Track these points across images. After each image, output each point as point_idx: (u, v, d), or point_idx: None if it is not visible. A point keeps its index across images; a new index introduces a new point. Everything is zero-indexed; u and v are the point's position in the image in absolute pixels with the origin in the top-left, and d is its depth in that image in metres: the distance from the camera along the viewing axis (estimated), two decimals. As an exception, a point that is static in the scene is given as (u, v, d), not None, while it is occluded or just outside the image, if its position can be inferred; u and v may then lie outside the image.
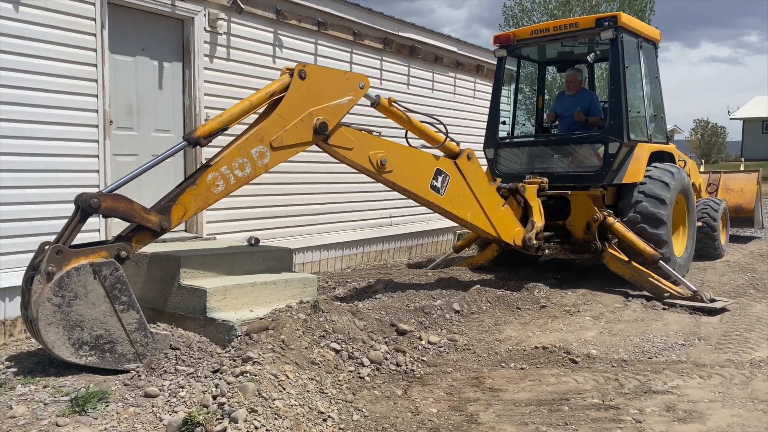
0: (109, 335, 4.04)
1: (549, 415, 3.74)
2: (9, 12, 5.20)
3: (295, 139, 4.97)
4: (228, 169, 4.59)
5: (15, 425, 3.32)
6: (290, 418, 3.31)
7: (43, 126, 5.43)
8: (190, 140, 4.53)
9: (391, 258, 9.60)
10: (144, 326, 4.17)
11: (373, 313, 5.37)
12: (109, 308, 4.03)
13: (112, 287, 4.03)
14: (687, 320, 5.93)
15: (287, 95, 4.91)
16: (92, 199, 4.03)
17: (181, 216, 4.42)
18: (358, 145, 5.41)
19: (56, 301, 3.85)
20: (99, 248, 4.10)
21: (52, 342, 3.88)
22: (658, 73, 8.28)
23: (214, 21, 6.83)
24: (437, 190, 6.00)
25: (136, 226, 4.25)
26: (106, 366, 4.06)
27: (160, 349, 4.23)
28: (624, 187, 7.36)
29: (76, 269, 3.91)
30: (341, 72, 5.51)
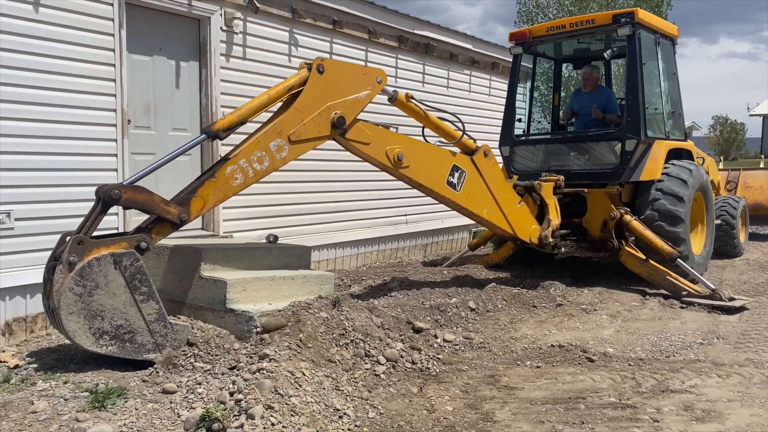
0: (129, 325, 4.07)
1: (565, 413, 3.72)
2: (29, 13, 5.27)
3: (313, 133, 4.98)
4: (247, 162, 4.61)
5: (36, 420, 3.37)
6: (306, 414, 3.33)
7: (63, 125, 5.50)
8: (209, 133, 4.55)
9: (406, 256, 9.60)
10: (163, 317, 4.19)
11: (389, 310, 5.37)
12: (129, 298, 4.05)
13: (132, 277, 4.06)
14: (705, 319, 5.87)
15: (305, 89, 4.92)
16: (113, 190, 4.07)
17: (200, 208, 4.45)
18: (375, 140, 5.41)
19: (77, 290, 3.89)
20: (119, 239, 4.13)
21: (74, 331, 3.91)
22: (676, 70, 8.19)
23: (231, 20, 6.87)
24: (454, 187, 5.98)
25: (155, 218, 4.27)
26: (125, 356, 4.08)
27: (179, 340, 4.24)
28: (641, 184, 7.29)
29: (97, 259, 3.94)
30: (359, 66, 5.51)
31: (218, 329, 4.56)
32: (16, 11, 5.18)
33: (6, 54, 5.11)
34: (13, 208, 5.19)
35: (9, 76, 5.14)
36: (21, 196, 5.24)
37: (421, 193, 9.55)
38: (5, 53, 5.11)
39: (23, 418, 3.40)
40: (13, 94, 5.17)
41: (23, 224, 5.25)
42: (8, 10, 5.13)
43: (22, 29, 5.22)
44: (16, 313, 5.24)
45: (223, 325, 4.59)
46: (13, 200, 5.18)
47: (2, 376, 4.09)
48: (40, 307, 5.35)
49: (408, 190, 9.31)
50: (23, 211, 5.25)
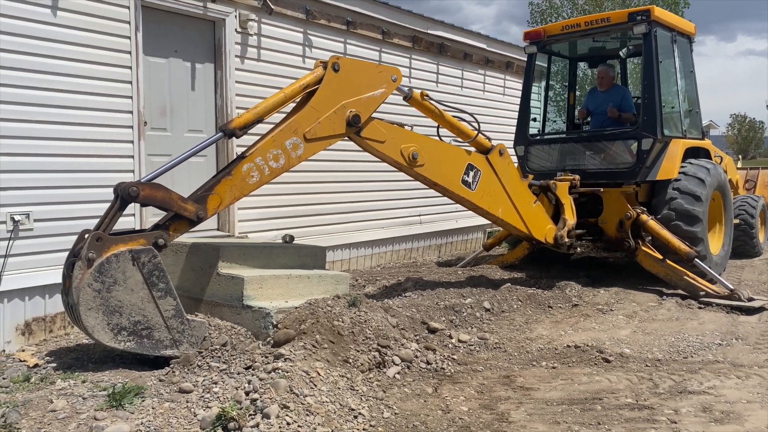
0: (146, 321, 4.09)
1: (581, 414, 3.70)
2: (47, 17, 5.34)
3: (329, 131, 4.99)
4: (263, 160, 4.63)
5: (55, 418, 3.41)
6: (321, 414, 3.34)
7: (80, 127, 5.56)
8: (225, 131, 4.57)
9: (421, 256, 9.59)
10: (181, 313, 4.21)
11: (404, 310, 5.37)
12: (147, 294, 4.08)
13: (150, 274, 4.08)
14: (724, 319, 5.80)
15: (321, 87, 4.93)
16: (131, 187, 4.09)
17: (217, 206, 4.46)
18: (390, 138, 5.41)
19: (96, 286, 3.91)
20: (137, 236, 4.16)
21: (92, 327, 3.93)
22: (693, 68, 8.11)
23: (245, 22, 6.91)
24: (468, 186, 5.95)
25: (173, 215, 4.29)
26: (143, 352, 4.10)
27: (196, 336, 4.26)
28: (658, 184, 7.23)
29: (115, 255, 3.97)
30: (374, 65, 5.51)
31: (235, 326, 4.58)
32: (34, 15, 5.25)
33: (25, 57, 5.18)
34: (32, 209, 5.26)
35: (27, 78, 5.21)
36: (40, 197, 5.30)
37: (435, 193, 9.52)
38: (24, 56, 5.18)
39: (43, 416, 3.44)
40: (32, 97, 5.24)
41: (42, 225, 5.32)
42: (27, 14, 5.20)
43: (41, 32, 5.29)
44: (35, 312, 5.30)
45: (240, 321, 4.62)
46: (32, 201, 5.25)
47: (22, 375, 4.14)
48: (59, 307, 5.43)
49: (422, 191, 9.31)
50: (42, 212, 5.32)
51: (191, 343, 4.23)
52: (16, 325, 5.18)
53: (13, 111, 5.13)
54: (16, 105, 5.14)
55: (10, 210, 5.12)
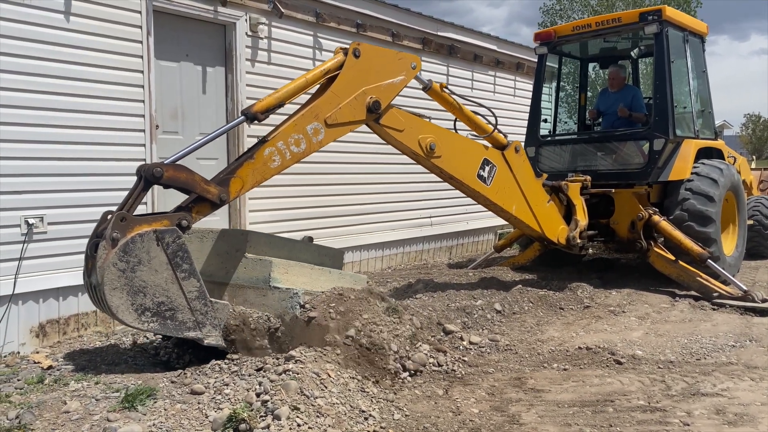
0: (170, 302, 4.02)
1: (593, 416, 3.68)
2: (60, 22, 5.40)
3: (349, 117, 4.97)
4: (284, 145, 4.59)
5: (69, 420, 3.44)
6: (332, 416, 3.34)
7: (93, 131, 5.62)
8: (247, 115, 4.52)
9: (431, 258, 9.59)
10: (204, 295, 4.15)
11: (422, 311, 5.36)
12: (170, 275, 4.01)
13: (174, 254, 4.01)
14: (737, 321, 5.75)
15: (341, 73, 4.91)
16: (155, 168, 4.04)
17: (239, 189, 4.43)
18: (409, 127, 5.38)
19: (121, 266, 3.85)
20: (161, 216, 4.10)
21: (117, 306, 3.86)
22: (705, 68, 8.05)
23: (255, 26, 6.95)
24: (484, 180, 5.91)
25: (196, 197, 4.25)
26: (166, 333, 4.07)
27: (219, 318, 4.21)
28: (670, 184, 7.18)
29: (140, 235, 3.90)
30: (394, 51, 5.47)
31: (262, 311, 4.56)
32: (48, 20, 5.31)
33: (38, 62, 5.25)
34: (46, 212, 5.31)
35: (41, 83, 5.27)
36: (53, 200, 5.36)
37: (446, 195, 9.53)
38: (38, 62, 5.24)
39: (56, 417, 3.47)
40: (45, 102, 5.30)
41: (56, 228, 5.38)
42: (40, 20, 5.27)
43: (54, 38, 5.35)
44: (49, 315, 5.36)
45: (265, 302, 4.61)
46: (46, 205, 5.31)
47: (36, 377, 4.19)
48: (73, 310, 5.49)
49: (432, 192, 9.32)
50: (56, 216, 5.37)
51: (214, 325, 4.18)
52: (31, 327, 5.24)
53: (27, 115, 5.19)
54: (29, 110, 5.21)
55: (24, 213, 5.18)
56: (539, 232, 6.52)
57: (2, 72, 5.05)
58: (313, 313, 4.28)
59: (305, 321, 4.27)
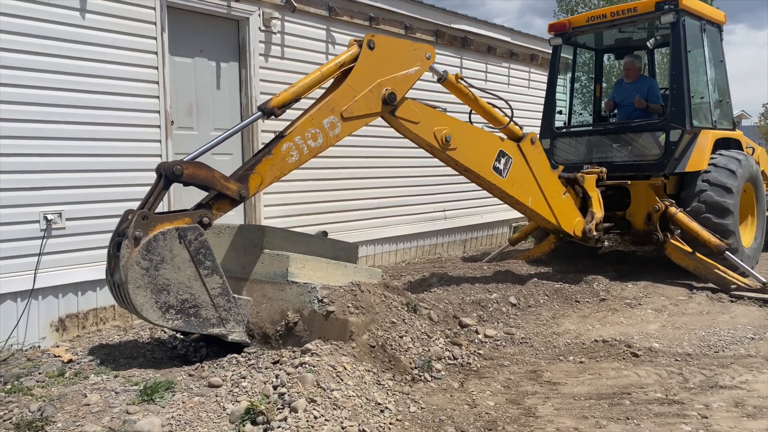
0: (193, 299, 4.04)
1: (609, 409, 3.67)
2: (76, 19, 5.44)
3: (365, 110, 4.92)
4: (301, 139, 4.57)
5: (89, 412, 3.49)
6: (348, 408, 3.36)
7: (109, 128, 5.67)
8: (264, 110, 4.49)
9: (446, 252, 9.57)
10: (227, 291, 4.15)
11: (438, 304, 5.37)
12: (193, 272, 4.03)
13: (197, 252, 4.03)
14: (756, 313, 5.69)
15: (356, 65, 4.87)
16: (175, 166, 4.04)
17: (258, 185, 4.42)
18: (424, 119, 5.34)
19: (144, 264, 3.86)
20: (182, 214, 4.11)
21: (141, 305, 3.87)
22: (723, 57, 7.94)
23: (269, 20, 6.96)
24: (500, 173, 5.85)
25: (215, 194, 4.25)
26: (191, 330, 4.09)
27: (242, 314, 4.22)
28: (687, 175, 7.11)
29: (162, 233, 3.91)
30: (408, 42, 5.42)
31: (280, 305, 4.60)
32: (63, 18, 5.36)
33: (55, 60, 5.30)
34: (64, 208, 5.37)
35: (57, 80, 5.32)
36: (71, 196, 5.42)
37: (460, 188, 9.51)
38: (54, 59, 5.29)
39: (77, 410, 3.53)
40: (62, 98, 5.35)
41: (74, 224, 5.44)
42: (56, 17, 5.31)
43: (69, 35, 5.40)
44: (69, 309, 5.43)
45: (283, 297, 4.64)
46: (64, 201, 5.37)
47: (57, 370, 4.25)
48: (92, 304, 5.55)
49: (446, 185, 9.30)
50: (74, 211, 5.43)
51: (237, 321, 4.19)
52: (51, 322, 5.31)
53: (45, 112, 5.25)
54: (47, 107, 5.26)
55: (43, 209, 5.25)
56: (555, 225, 6.47)
57: (19, 69, 5.11)
58: (331, 308, 4.30)
59: (324, 315, 4.29)
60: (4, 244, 5.05)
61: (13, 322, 5.06)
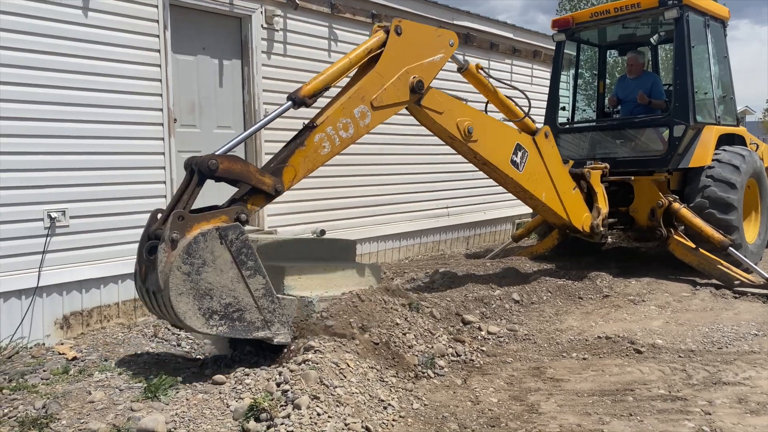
0: (237, 302, 3.80)
1: (612, 405, 3.67)
2: (79, 18, 5.45)
3: (393, 99, 4.76)
4: (333, 130, 4.38)
5: (94, 409, 3.51)
6: (351, 405, 3.37)
7: (112, 126, 5.67)
8: (295, 100, 4.26)
9: (449, 248, 9.57)
10: (271, 291, 3.93)
11: (440, 302, 5.38)
12: (236, 274, 3.80)
13: (239, 252, 3.79)
14: (760, 309, 5.68)
15: (385, 52, 4.69)
16: (210, 160, 3.80)
17: (292, 179, 4.21)
18: (448, 109, 5.21)
19: (185, 269, 3.61)
20: (218, 212, 3.85)
21: (184, 312, 3.64)
22: (726, 53, 7.91)
23: (271, 18, 6.95)
24: (516, 166, 5.76)
25: (249, 189, 4.02)
26: (235, 335, 3.85)
27: (286, 315, 4.01)
28: (690, 171, 7.10)
29: (203, 234, 3.66)
30: (433, 28, 5.24)
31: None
32: (66, 16, 5.36)
33: (58, 58, 5.30)
34: (68, 206, 5.39)
35: (60, 79, 5.32)
36: (75, 194, 5.43)
37: (463, 185, 9.51)
38: (57, 57, 5.30)
39: (82, 407, 3.54)
40: (64, 97, 5.36)
41: (78, 222, 5.45)
42: (59, 16, 5.32)
43: (72, 33, 5.40)
44: (73, 307, 5.44)
45: None
46: (67, 199, 5.38)
47: (61, 368, 4.27)
48: (95, 302, 5.57)
49: (449, 182, 9.30)
50: (77, 209, 5.45)
51: (282, 322, 3.99)
52: (55, 319, 5.33)
53: (47, 111, 5.25)
54: (49, 105, 5.27)
55: (47, 207, 5.26)
56: (566, 220, 6.37)
57: (22, 68, 5.11)
58: (330, 322, 4.28)
59: (323, 328, 4.27)
60: (9, 242, 5.06)
61: (17, 320, 5.08)
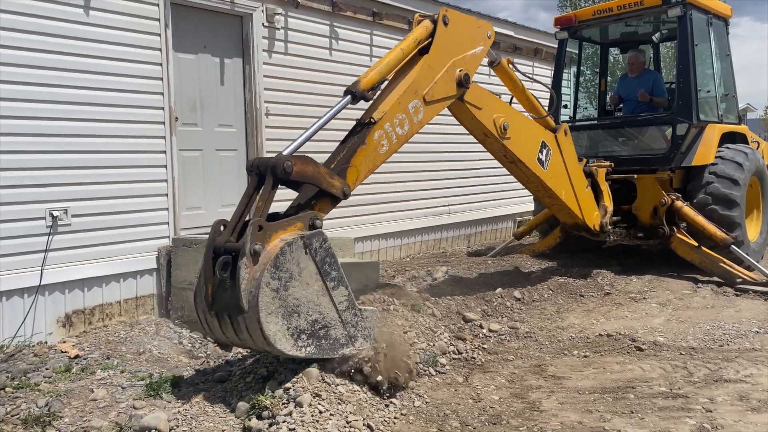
0: (323, 318, 3.43)
1: (614, 403, 3.67)
2: (80, 17, 5.46)
3: (442, 93, 4.51)
4: (390, 127, 4.10)
5: (96, 407, 3.52)
6: (353, 402, 3.37)
7: (114, 124, 5.68)
8: (356, 93, 3.95)
9: (450, 246, 9.57)
10: (354, 303, 3.55)
11: (441, 301, 5.39)
12: (321, 287, 3.43)
13: (323, 261, 3.44)
14: (761, 307, 5.67)
15: (434, 43, 4.43)
16: (285, 162, 3.45)
17: (355, 180, 3.89)
18: (486, 105, 5.02)
19: (274, 285, 3.24)
20: (293, 219, 3.53)
21: (274, 335, 3.22)
22: (729, 51, 7.91)
23: (272, 16, 6.96)
24: (542, 164, 5.61)
25: (317, 192, 3.72)
26: (323, 356, 3.45)
27: (368, 328, 3.60)
28: (693, 169, 7.09)
29: (289, 245, 3.31)
30: (474, 18, 4.98)
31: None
32: (67, 15, 5.37)
33: (59, 57, 5.31)
34: (70, 205, 5.40)
35: (61, 78, 5.33)
36: (77, 193, 5.44)
37: (464, 183, 9.51)
38: (59, 56, 5.31)
39: (84, 405, 3.56)
40: (66, 96, 5.36)
41: (79, 220, 5.46)
42: (61, 15, 5.33)
43: (74, 32, 5.41)
44: (75, 305, 5.46)
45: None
46: (69, 197, 5.40)
47: (64, 366, 4.28)
48: (97, 300, 5.58)
49: (451, 180, 9.30)
50: (79, 208, 5.46)
51: (364, 336, 3.58)
52: (57, 318, 5.34)
53: (49, 110, 5.26)
54: (51, 104, 5.28)
55: (48, 206, 5.27)
56: (580, 219, 6.26)
57: (23, 67, 5.12)
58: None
59: None
60: (11, 241, 5.08)
61: (20, 318, 5.09)
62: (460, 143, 8.68)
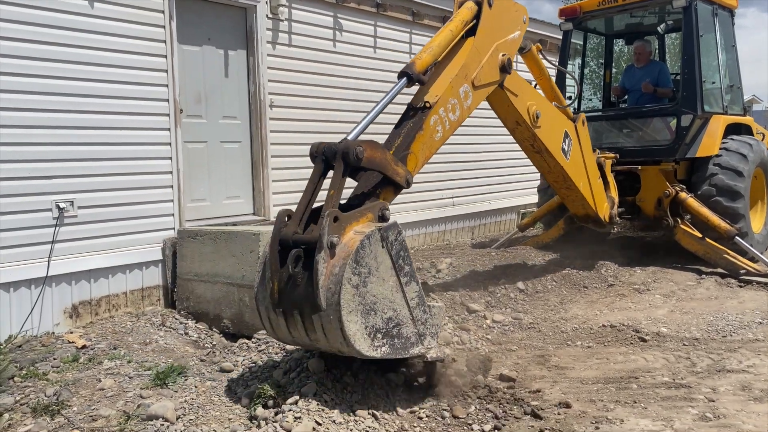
0: (396, 316, 3.23)
1: (617, 392, 3.69)
2: (85, 8, 5.46)
3: (488, 78, 4.39)
4: (444, 111, 3.95)
5: (104, 396, 3.56)
6: (358, 392, 3.40)
7: (119, 116, 5.70)
8: (412, 75, 3.77)
9: (454, 238, 9.59)
10: (424, 300, 3.38)
11: (444, 292, 5.41)
12: (395, 282, 3.24)
13: (398, 255, 3.24)
14: (765, 298, 5.68)
15: (480, 25, 4.29)
16: (357, 147, 3.24)
17: (414, 167, 3.73)
18: (522, 92, 4.95)
19: (354, 281, 3.04)
20: (364, 209, 3.33)
21: (354, 334, 3.02)
22: (734, 42, 7.87)
23: (276, 8, 6.95)
24: (565, 154, 5.54)
25: (381, 180, 3.54)
26: (395, 355, 3.27)
27: (436, 326, 3.46)
28: (698, 161, 7.08)
29: (368, 238, 3.10)
30: (512, 2, 4.82)
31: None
32: (73, 7, 5.38)
33: (64, 49, 5.32)
34: (76, 196, 5.43)
35: (67, 70, 5.34)
36: (83, 185, 5.47)
37: (468, 176, 9.50)
38: (64, 48, 5.32)
39: (92, 394, 3.60)
40: (72, 88, 5.38)
41: (86, 212, 5.49)
42: (65, 6, 5.33)
43: (79, 24, 5.42)
44: (82, 296, 5.50)
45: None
46: (75, 189, 5.42)
47: (71, 356, 4.33)
48: (104, 291, 5.62)
49: (455, 172, 9.30)
50: (85, 200, 5.49)
51: (432, 334, 3.42)
52: (64, 309, 5.38)
53: (54, 102, 5.28)
54: (56, 96, 5.29)
55: (55, 198, 5.30)
56: (593, 210, 6.20)
57: (29, 59, 5.14)
58: None
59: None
60: (18, 232, 5.11)
61: (27, 309, 5.13)
62: (464, 135, 8.67)
